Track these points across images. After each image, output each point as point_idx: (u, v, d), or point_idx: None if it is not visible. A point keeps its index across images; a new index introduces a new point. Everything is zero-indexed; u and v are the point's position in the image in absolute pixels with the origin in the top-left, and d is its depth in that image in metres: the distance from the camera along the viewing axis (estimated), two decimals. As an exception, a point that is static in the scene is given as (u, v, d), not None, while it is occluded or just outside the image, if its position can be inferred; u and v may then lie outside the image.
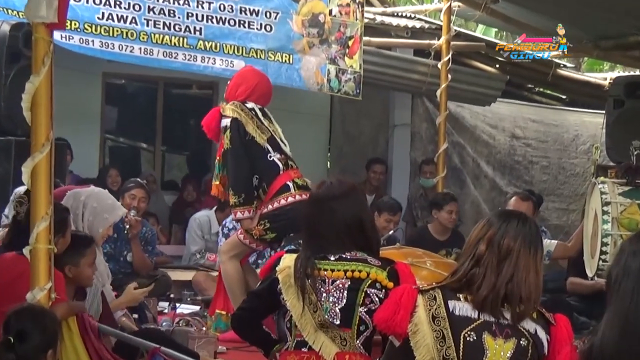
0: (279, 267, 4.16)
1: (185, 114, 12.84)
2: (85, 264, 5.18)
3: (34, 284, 4.16)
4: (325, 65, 9.15)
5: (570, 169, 12.50)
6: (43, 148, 4.17)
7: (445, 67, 9.32)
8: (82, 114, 10.93)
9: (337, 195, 4.22)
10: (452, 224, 8.50)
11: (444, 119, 9.42)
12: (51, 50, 4.23)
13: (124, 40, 8.31)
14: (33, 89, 4.18)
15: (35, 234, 4.15)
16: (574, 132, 12.61)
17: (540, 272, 3.48)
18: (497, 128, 12.14)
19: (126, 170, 11.16)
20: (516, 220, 3.48)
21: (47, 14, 4.13)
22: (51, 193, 4.22)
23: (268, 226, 6.52)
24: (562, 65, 12.01)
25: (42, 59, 4.20)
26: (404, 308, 3.41)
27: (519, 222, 3.47)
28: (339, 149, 12.17)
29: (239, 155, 6.50)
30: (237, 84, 6.79)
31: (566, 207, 12.31)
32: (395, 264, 4.16)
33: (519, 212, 3.69)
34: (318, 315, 4.02)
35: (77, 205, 5.81)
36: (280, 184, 6.54)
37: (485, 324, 3.37)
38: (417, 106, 11.54)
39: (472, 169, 11.85)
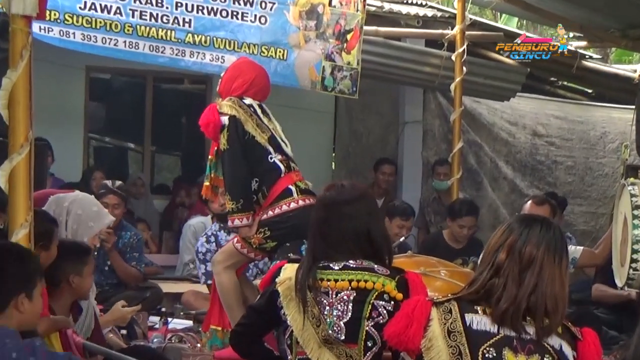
0: (279, 279, 4.15)
1: (176, 111, 12.84)
2: (88, 273, 5.22)
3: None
4: (320, 62, 9.11)
5: (598, 170, 12.48)
6: (22, 149, 4.18)
7: (459, 59, 9.30)
8: (64, 111, 10.96)
9: (348, 199, 4.22)
10: (463, 238, 8.47)
11: (459, 116, 9.39)
12: (30, 42, 4.23)
13: (107, 32, 8.28)
14: (10, 84, 4.19)
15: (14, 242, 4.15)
16: (601, 130, 12.58)
17: (566, 282, 3.47)
18: (517, 125, 12.12)
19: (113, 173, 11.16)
20: (539, 226, 3.47)
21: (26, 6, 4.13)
22: (31, 198, 4.22)
23: (268, 234, 6.43)
24: (588, 56, 11.99)
25: (20, 52, 4.22)
26: (417, 322, 3.41)
27: (542, 228, 3.46)
28: (345, 149, 12.16)
29: (237, 156, 6.39)
30: (233, 78, 6.70)
31: (594, 210, 12.30)
32: (405, 273, 4.15)
33: (542, 216, 3.68)
34: (322, 330, 4.01)
35: (60, 212, 5.80)
36: (282, 187, 6.45)
37: (506, 339, 3.36)
38: (429, 102, 11.51)
39: (489, 169, 11.82)
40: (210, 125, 6.49)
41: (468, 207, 8.59)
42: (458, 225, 8.45)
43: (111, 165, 12.64)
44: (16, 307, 3.88)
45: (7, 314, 3.87)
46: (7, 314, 3.87)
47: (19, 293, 3.88)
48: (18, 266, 3.94)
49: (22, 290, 3.89)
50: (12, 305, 3.87)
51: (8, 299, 3.87)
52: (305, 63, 9.10)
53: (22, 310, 3.89)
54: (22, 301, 3.89)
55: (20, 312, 3.89)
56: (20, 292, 3.89)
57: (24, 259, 4.00)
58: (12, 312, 3.88)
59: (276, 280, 4.16)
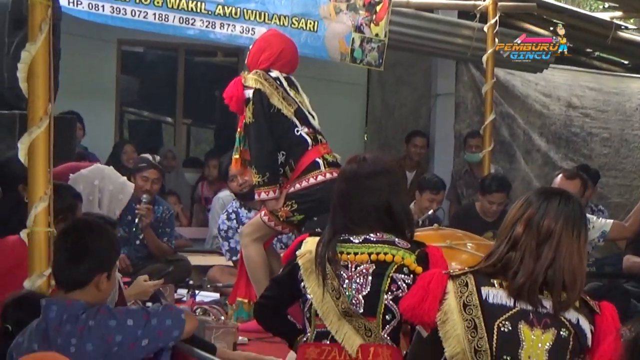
0: (299, 252, 4.16)
1: (208, 83, 12.84)
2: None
3: (32, 270, 4.19)
4: (350, 33, 9.10)
5: (634, 142, 12.36)
6: (41, 122, 4.18)
7: (491, 30, 9.22)
8: (96, 85, 11.01)
9: (369, 173, 4.19)
10: (493, 215, 8.41)
11: (491, 88, 9.30)
12: (49, 15, 4.22)
13: (137, 5, 8.22)
14: (29, 58, 4.19)
15: (32, 216, 4.17)
16: (637, 101, 12.46)
17: (584, 256, 3.43)
18: (551, 97, 12.01)
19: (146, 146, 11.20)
20: (558, 199, 3.44)
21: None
22: (50, 171, 4.23)
23: (295, 207, 6.44)
24: (624, 27, 11.85)
25: (40, 25, 4.20)
26: (432, 295, 3.40)
27: (560, 201, 3.43)
28: (378, 122, 12.13)
29: (262, 130, 6.40)
30: (260, 50, 6.69)
31: (629, 183, 12.19)
32: (425, 247, 4.13)
33: (561, 189, 3.64)
34: (342, 302, 4.00)
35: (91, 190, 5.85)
36: (309, 160, 6.45)
37: (522, 312, 3.34)
38: (461, 74, 11.44)
39: (523, 142, 11.74)
40: (233, 98, 6.52)
41: (498, 184, 8.52)
42: (488, 201, 8.41)
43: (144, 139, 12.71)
44: (96, 285, 3.94)
45: (86, 290, 3.93)
46: (87, 290, 3.93)
47: (102, 272, 3.95)
48: (104, 245, 4.00)
49: (105, 270, 3.96)
50: (94, 283, 3.93)
51: (92, 276, 3.93)
52: (336, 35, 9.08)
53: (100, 288, 3.96)
54: (103, 280, 3.95)
55: (99, 290, 3.96)
56: (103, 272, 3.95)
57: (110, 240, 4.07)
58: (92, 289, 3.94)
59: (297, 253, 4.17)
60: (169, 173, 11.11)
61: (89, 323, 3.81)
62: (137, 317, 3.89)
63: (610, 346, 3.04)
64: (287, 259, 4.32)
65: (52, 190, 4.25)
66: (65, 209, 4.79)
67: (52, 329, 3.82)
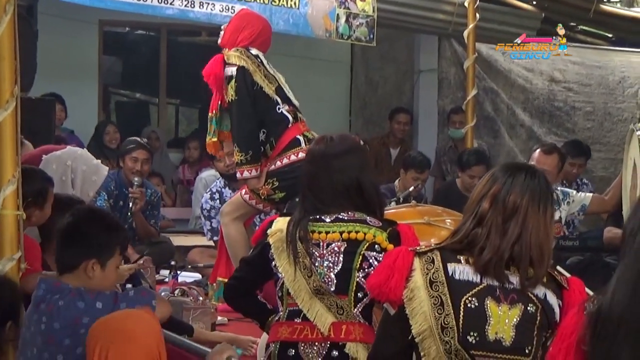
0: (270, 231, 4.16)
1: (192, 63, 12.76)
2: None
3: (2, 253, 4.17)
4: (334, 9, 9.04)
5: (617, 115, 12.31)
6: (7, 105, 4.15)
7: (472, 5, 9.14)
8: (79, 66, 10.96)
9: (337, 152, 4.20)
10: None
11: (472, 63, 9.24)
12: (14, -4, 4.18)
13: (116, -15, 8.20)
14: (-6, 40, 4.15)
15: (1, 199, 4.14)
16: (620, 74, 12.40)
17: (551, 231, 3.42)
18: (533, 71, 11.96)
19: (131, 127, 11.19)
20: (523, 174, 3.41)
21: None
22: (18, 154, 4.21)
23: (276, 185, 6.42)
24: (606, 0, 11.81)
25: (4, 6, 4.16)
26: (398, 272, 3.39)
27: (526, 176, 3.41)
28: (362, 99, 12.08)
29: (245, 107, 6.38)
30: (239, 28, 6.65)
31: (613, 157, 12.14)
32: (396, 225, 4.12)
33: (527, 165, 3.64)
34: (313, 281, 4.00)
35: (64, 171, 5.81)
36: (290, 138, 6.44)
37: (489, 288, 3.33)
38: (444, 49, 11.38)
39: (506, 117, 11.70)
40: (211, 76, 6.48)
41: (476, 157, 8.54)
42: (468, 175, 8.42)
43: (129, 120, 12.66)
44: (85, 270, 3.97)
45: (75, 274, 3.98)
46: (76, 274, 3.98)
47: (91, 258, 3.97)
48: (98, 232, 4.03)
49: (94, 256, 3.98)
50: (82, 268, 3.97)
51: (79, 261, 3.97)
52: (319, 11, 9.02)
53: (90, 275, 3.98)
54: (93, 266, 3.98)
55: (89, 276, 3.98)
56: (92, 257, 3.97)
57: (108, 228, 4.09)
58: (81, 274, 3.98)
59: (267, 232, 4.16)
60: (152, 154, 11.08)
61: (59, 303, 3.85)
62: (106, 301, 3.90)
63: (572, 319, 3.01)
64: (257, 239, 4.31)
65: (21, 174, 4.22)
66: (36, 192, 4.77)
67: (34, 305, 3.91)
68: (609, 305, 2.86)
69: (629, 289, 2.85)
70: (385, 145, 10.74)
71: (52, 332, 3.82)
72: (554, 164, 7.20)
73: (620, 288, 2.87)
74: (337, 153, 4.19)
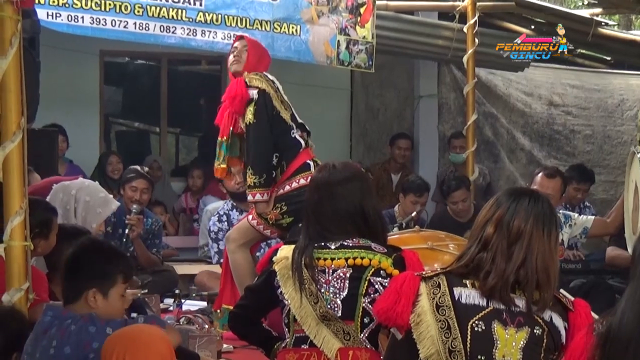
0: (275, 258, 4.18)
1: (193, 92, 12.83)
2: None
3: (10, 284, 4.19)
4: (335, 36, 9.10)
5: (617, 137, 12.38)
6: (14, 137, 4.18)
7: (471, 30, 9.25)
8: (80, 97, 10.97)
9: (340, 180, 4.24)
10: (464, 213, 8.46)
11: (472, 88, 9.32)
12: (19, 29, 4.23)
13: (117, 14, 8.19)
14: (0, 72, 4.19)
15: (9, 230, 4.17)
16: (618, 97, 12.47)
17: (556, 255, 3.45)
18: (532, 96, 12.03)
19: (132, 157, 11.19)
20: (527, 199, 3.45)
21: (13, -8, 4.14)
22: (25, 185, 4.24)
23: (285, 209, 6.41)
24: (604, 23, 11.87)
25: (10, 39, 4.21)
26: (405, 297, 3.41)
27: (530, 201, 3.44)
28: (362, 125, 12.10)
29: (263, 130, 6.40)
30: (259, 54, 6.74)
31: (613, 179, 12.20)
32: (401, 251, 4.16)
33: (531, 189, 3.67)
34: (320, 307, 4.02)
35: (68, 200, 5.85)
36: (300, 162, 6.46)
37: (495, 312, 3.35)
38: (443, 75, 11.45)
39: (506, 141, 11.76)
40: (237, 97, 6.50)
41: (456, 183, 8.63)
42: (451, 202, 8.54)
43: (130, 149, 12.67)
44: (87, 300, 3.97)
45: (78, 305, 3.99)
46: (79, 305, 3.99)
47: (92, 287, 3.97)
48: (96, 262, 4.04)
49: (95, 286, 3.99)
50: (84, 298, 3.97)
51: (81, 291, 3.98)
52: (320, 38, 9.08)
53: (93, 305, 3.98)
54: (95, 296, 3.98)
55: (91, 306, 3.98)
56: (92, 287, 3.98)
57: (107, 257, 4.09)
58: (83, 304, 3.98)
59: (273, 260, 4.18)
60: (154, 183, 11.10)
61: (71, 327, 3.87)
62: (116, 327, 3.91)
63: (581, 340, 3.05)
64: (262, 267, 4.34)
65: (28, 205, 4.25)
66: (41, 223, 4.81)
67: (41, 331, 3.90)
68: (618, 326, 2.90)
69: (638, 310, 2.88)
70: (386, 171, 10.77)
71: (61, 357, 3.83)
72: (557, 188, 7.22)
73: (630, 309, 2.91)
74: (340, 180, 4.23)
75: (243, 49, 6.71)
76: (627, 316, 2.91)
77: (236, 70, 6.67)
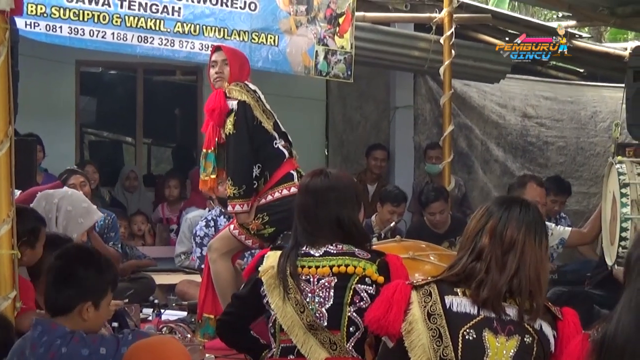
0: (262, 268, 4.18)
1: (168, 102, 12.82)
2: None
3: (-1, 292, 4.18)
4: (313, 46, 9.12)
5: (590, 149, 12.48)
6: (2, 145, 4.17)
7: (448, 42, 9.26)
8: (55, 106, 10.92)
9: (335, 186, 4.25)
10: (441, 224, 8.49)
11: (449, 99, 9.34)
12: (7, 38, 4.23)
13: (95, 24, 8.20)
14: (-12, 81, 4.18)
15: (-5, 239, 4.16)
16: (592, 109, 12.58)
17: (546, 263, 3.47)
18: (506, 107, 12.12)
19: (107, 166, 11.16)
20: (518, 208, 3.47)
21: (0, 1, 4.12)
22: (12, 194, 4.22)
23: (267, 219, 6.37)
24: (578, 35, 11.97)
25: (-3, 48, 4.20)
26: (396, 305, 3.41)
27: (521, 210, 3.46)
28: (339, 137, 12.09)
29: (243, 141, 6.35)
30: (241, 64, 6.69)
31: (586, 190, 12.29)
32: (385, 255, 4.16)
33: (520, 198, 3.68)
34: (306, 316, 4.02)
35: (50, 208, 5.83)
36: (283, 172, 6.41)
37: (486, 320, 3.36)
38: (419, 86, 11.51)
39: (480, 152, 11.83)
40: (216, 110, 6.46)
41: (434, 194, 8.63)
42: (429, 213, 8.54)
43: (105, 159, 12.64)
44: (80, 314, 3.92)
45: (70, 317, 3.92)
46: (71, 317, 3.92)
47: (86, 301, 3.93)
48: (92, 275, 3.98)
49: (90, 299, 3.94)
50: (77, 311, 3.92)
51: (75, 304, 3.92)
52: (298, 48, 9.10)
53: (85, 317, 3.94)
54: (88, 309, 3.94)
55: (84, 319, 3.94)
56: (87, 300, 3.93)
57: (101, 269, 4.03)
58: (76, 317, 3.93)
59: (259, 269, 4.17)
60: (131, 193, 11.08)
61: (62, 350, 3.79)
62: (109, 346, 3.87)
63: (577, 347, 3.06)
64: (248, 275, 4.33)
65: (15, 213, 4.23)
66: (28, 232, 4.77)
67: (29, 347, 3.83)
68: (613, 332, 2.91)
69: (633, 317, 2.90)
70: (362, 181, 10.78)
71: None
72: (544, 196, 7.30)
73: (625, 316, 2.92)
74: (334, 186, 4.24)
75: (223, 63, 6.64)
76: (622, 323, 2.91)
77: (221, 87, 6.64)
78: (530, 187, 7.36)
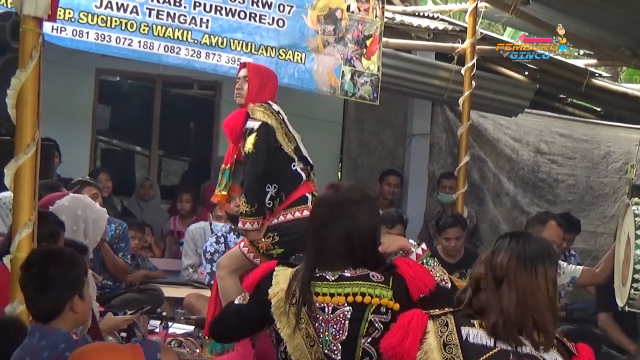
0: (271, 291, 3.98)
1: (184, 116, 12.83)
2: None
3: (14, 296, 4.18)
4: (339, 66, 9.09)
5: (599, 189, 12.48)
6: (28, 149, 4.19)
7: (469, 72, 9.25)
8: (73, 113, 10.98)
9: (356, 199, 4.07)
10: (455, 251, 8.42)
11: (467, 130, 9.31)
12: (40, 43, 4.25)
13: (122, 32, 8.20)
14: (19, 84, 4.20)
15: (16, 241, 4.17)
16: (605, 149, 12.59)
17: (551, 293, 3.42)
18: (521, 142, 12.14)
19: (120, 175, 11.18)
20: (509, 238, 3.50)
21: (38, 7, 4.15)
22: (35, 198, 4.24)
23: (277, 240, 6.40)
24: (597, 74, 12.00)
25: (30, 52, 4.23)
26: (413, 334, 3.42)
27: (511, 240, 3.48)
28: (354, 161, 12.09)
29: (260, 162, 6.37)
30: (263, 83, 6.67)
31: (593, 229, 12.29)
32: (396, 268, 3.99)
33: (520, 231, 3.72)
34: (315, 351, 3.89)
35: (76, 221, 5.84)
36: (299, 195, 6.44)
37: (502, 353, 3.36)
38: (437, 115, 11.54)
39: (492, 185, 11.83)
40: (235, 130, 6.50)
41: (453, 220, 8.52)
42: (444, 238, 8.42)
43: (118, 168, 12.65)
44: (71, 309, 3.94)
45: (63, 316, 3.94)
46: (64, 316, 3.94)
47: (74, 295, 3.95)
48: (70, 270, 3.99)
49: (75, 293, 3.96)
50: (68, 308, 3.94)
51: (64, 302, 3.94)
52: (325, 68, 9.07)
53: (76, 310, 3.96)
54: (77, 302, 3.96)
55: (75, 312, 3.96)
56: (74, 294, 3.95)
57: (75, 262, 4.05)
58: (68, 314, 3.95)
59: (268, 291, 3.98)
60: (145, 202, 11.11)
61: (66, 354, 3.79)
62: None
63: None
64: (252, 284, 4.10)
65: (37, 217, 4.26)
66: (48, 235, 4.79)
67: (29, 353, 3.83)
68: None
69: None
70: (375, 199, 10.76)
71: None
72: (561, 237, 7.31)
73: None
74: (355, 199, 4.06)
75: (244, 80, 6.68)
76: None
77: (240, 103, 6.67)
78: (550, 225, 7.32)
